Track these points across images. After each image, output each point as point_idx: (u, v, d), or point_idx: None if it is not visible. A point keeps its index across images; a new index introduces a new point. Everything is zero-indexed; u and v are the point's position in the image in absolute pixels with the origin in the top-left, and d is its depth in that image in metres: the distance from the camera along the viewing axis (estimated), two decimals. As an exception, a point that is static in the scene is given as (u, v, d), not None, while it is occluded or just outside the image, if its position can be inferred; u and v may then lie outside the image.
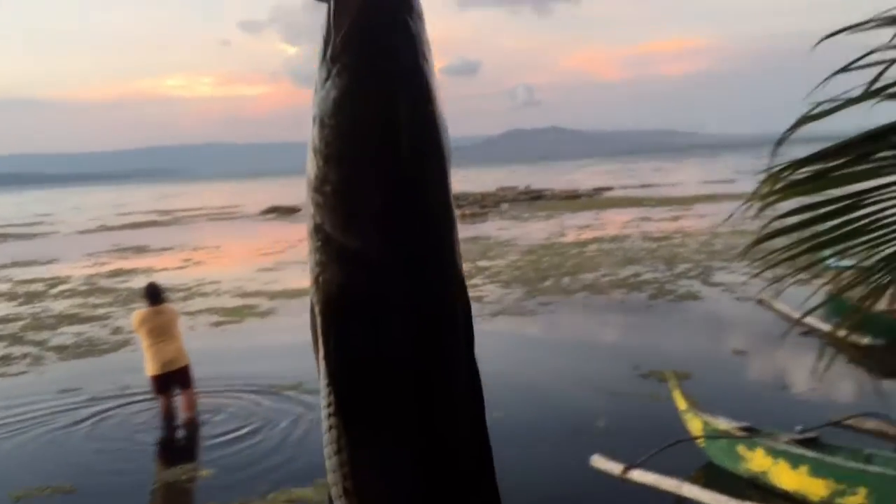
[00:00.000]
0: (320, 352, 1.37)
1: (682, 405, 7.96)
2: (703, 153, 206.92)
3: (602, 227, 32.35)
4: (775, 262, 3.06)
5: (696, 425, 7.69)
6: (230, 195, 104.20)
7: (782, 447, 6.82)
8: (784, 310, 12.39)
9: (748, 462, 7.08)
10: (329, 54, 1.31)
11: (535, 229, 32.81)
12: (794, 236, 2.97)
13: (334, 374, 1.34)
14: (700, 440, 7.55)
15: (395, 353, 1.33)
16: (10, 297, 21.96)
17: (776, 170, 2.67)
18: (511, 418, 8.63)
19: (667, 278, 18.41)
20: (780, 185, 2.73)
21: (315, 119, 1.34)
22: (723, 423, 7.48)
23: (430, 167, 1.34)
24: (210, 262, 28.62)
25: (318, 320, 1.36)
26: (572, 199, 52.67)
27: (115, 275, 25.41)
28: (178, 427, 9.67)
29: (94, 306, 19.36)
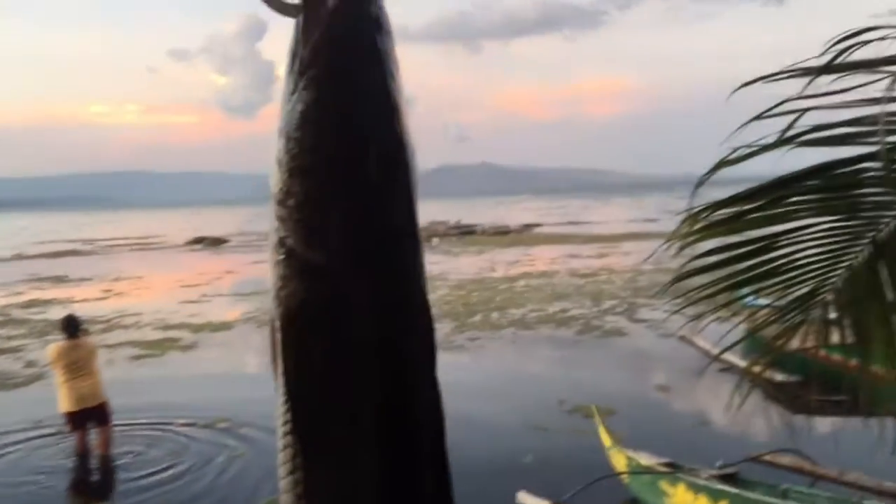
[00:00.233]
0: (279, 368, 1.34)
1: (607, 441, 8.05)
2: (628, 192, 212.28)
3: (531, 263, 32.75)
4: (696, 299, 3.14)
5: (620, 461, 7.78)
6: (155, 224, 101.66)
7: (703, 483, 6.94)
8: (705, 346, 12.70)
9: (670, 497, 7.17)
10: (296, 67, 1.30)
11: (465, 264, 32.97)
12: (713, 275, 3.06)
13: (292, 390, 1.31)
14: (624, 476, 7.64)
15: (356, 370, 1.31)
16: (-85, 327, 20.84)
17: (695, 211, 2.76)
18: (438, 454, 8.56)
19: (593, 314, 18.70)
20: (698, 226, 2.82)
21: (280, 132, 1.32)
22: (646, 459, 7.59)
23: (395, 183, 1.32)
24: (131, 293, 27.77)
25: (278, 336, 1.33)
26: (502, 235, 53.21)
27: (30, 305, 24.39)
28: (93, 466, 9.27)
29: (8, 338, 18.50)
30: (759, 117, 2.47)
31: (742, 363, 9.74)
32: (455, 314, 19.43)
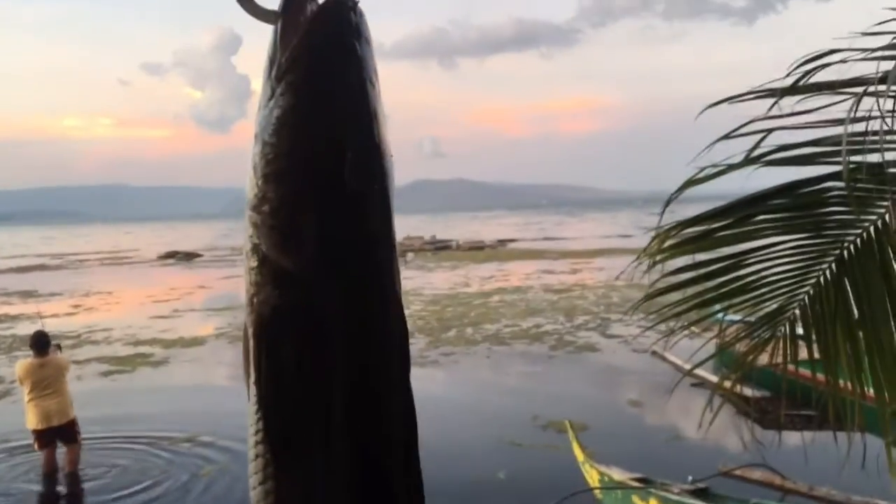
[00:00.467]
0: (251, 376, 1.32)
1: (579, 456, 8.07)
2: (602, 208, 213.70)
3: (506, 278, 32.81)
4: (667, 315, 3.17)
5: (593, 476, 7.79)
6: (127, 239, 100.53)
7: (675, 497, 6.98)
8: (676, 361, 12.79)
9: (643, 512, 7.21)
10: (274, 73, 1.30)
11: (439, 279, 32.98)
12: (683, 292, 3.09)
13: (264, 398, 1.29)
14: (597, 491, 7.66)
15: (329, 378, 1.29)
16: None
17: (664, 229, 2.79)
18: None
19: (567, 330, 18.78)
20: (668, 244, 2.85)
21: (256, 137, 1.31)
22: (618, 474, 7.61)
23: (371, 189, 1.31)
24: (102, 308, 27.40)
25: (251, 343, 1.31)
26: (477, 250, 53.28)
27: (-3, 320, 24.02)
28: (60, 484, 9.11)
29: (-27, 354, 18.18)
30: (726, 137, 2.51)
31: (713, 378, 9.84)
32: (429, 329, 19.40)
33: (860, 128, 2.30)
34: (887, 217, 2.62)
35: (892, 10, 2.40)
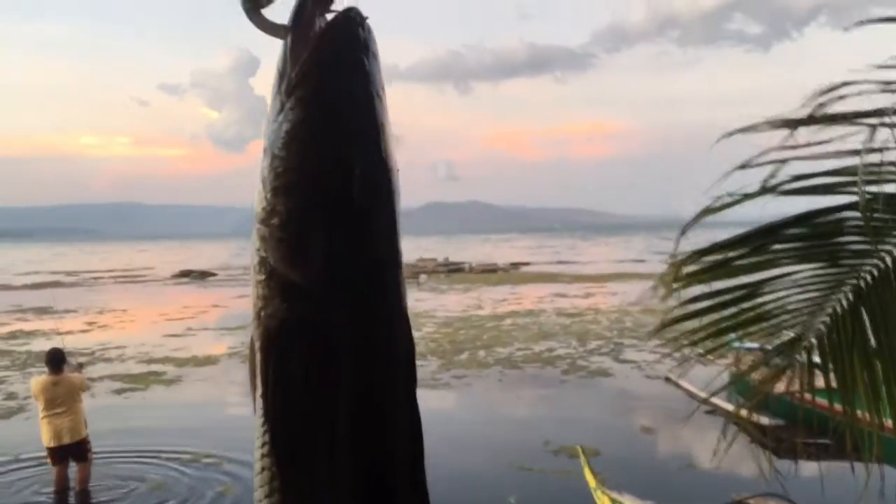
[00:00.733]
0: (258, 390, 1.32)
1: (591, 482, 8.00)
2: (616, 232, 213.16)
3: (518, 301, 32.74)
4: (682, 344, 3.16)
5: (604, 502, 7.72)
6: (141, 257, 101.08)
7: (688, 525, 6.92)
8: (690, 388, 12.70)
9: (655, 540, 7.13)
10: (283, 88, 1.32)
11: (452, 301, 32.94)
12: (699, 320, 3.08)
13: (271, 412, 1.30)
14: (609, 518, 7.59)
15: (335, 392, 1.29)
16: None
17: (680, 259, 2.80)
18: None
19: (579, 354, 18.68)
20: (684, 272, 2.85)
21: (265, 150, 1.32)
22: (630, 501, 7.54)
23: (379, 204, 1.32)
24: (116, 326, 27.55)
25: (258, 356, 1.32)
26: (490, 273, 53.25)
27: (12, 336, 24.18)
28: (71, 501, 9.12)
29: (-12, 369, 18.30)
30: (742, 167, 2.52)
31: (728, 406, 9.76)
32: (441, 352, 19.36)
33: (876, 158, 2.31)
34: (904, 247, 2.62)
35: (909, 42, 2.41)
